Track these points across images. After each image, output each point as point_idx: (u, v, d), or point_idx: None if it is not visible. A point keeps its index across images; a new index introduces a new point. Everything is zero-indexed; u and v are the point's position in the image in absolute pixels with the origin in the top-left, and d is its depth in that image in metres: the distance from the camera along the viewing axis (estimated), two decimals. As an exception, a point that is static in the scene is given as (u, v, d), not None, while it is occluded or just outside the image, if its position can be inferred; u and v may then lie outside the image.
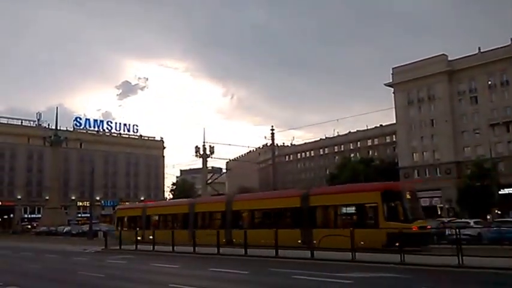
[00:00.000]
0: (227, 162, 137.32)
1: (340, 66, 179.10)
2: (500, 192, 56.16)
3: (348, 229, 18.44)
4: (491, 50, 67.57)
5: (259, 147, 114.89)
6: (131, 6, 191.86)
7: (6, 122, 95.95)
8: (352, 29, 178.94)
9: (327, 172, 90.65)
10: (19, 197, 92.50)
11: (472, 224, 29.37)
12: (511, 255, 15.88)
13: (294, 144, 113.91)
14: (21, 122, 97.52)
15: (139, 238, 29.04)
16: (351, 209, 23.16)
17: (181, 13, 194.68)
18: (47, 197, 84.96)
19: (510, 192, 60.44)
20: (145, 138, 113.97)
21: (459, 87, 71.12)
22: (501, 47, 66.54)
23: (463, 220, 33.64)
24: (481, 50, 69.21)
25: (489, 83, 68.06)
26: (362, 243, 18.40)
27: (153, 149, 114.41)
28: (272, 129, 44.33)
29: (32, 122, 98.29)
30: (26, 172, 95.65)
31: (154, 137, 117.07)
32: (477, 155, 64.40)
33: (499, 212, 55.52)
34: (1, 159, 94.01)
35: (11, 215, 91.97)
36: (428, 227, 23.28)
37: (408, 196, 22.50)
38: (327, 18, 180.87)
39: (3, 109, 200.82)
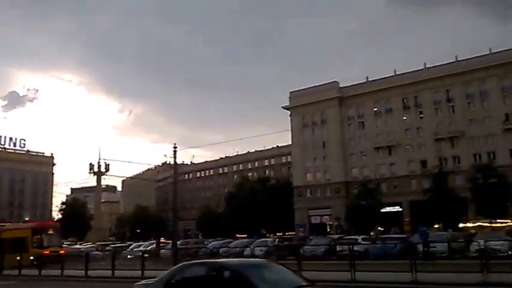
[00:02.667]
0: (123, 181, 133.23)
1: (243, 87, 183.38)
2: (382, 210, 61.19)
3: (17, 253, 27.31)
4: (377, 79, 74.06)
5: (158, 165, 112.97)
6: (22, 11, 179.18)
7: None
8: (253, 50, 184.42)
9: (226, 191, 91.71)
10: None
11: (360, 240, 31.47)
12: (395, 269, 16.87)
13: (194, 163, 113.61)
14: None
15: None
16: (18, 240, 32.76)
17: (79, 22, 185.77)
18: None
19: (391, 210, 66.22)
20: (33, 153, 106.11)
21: (348, 113, 76.64)
22: (385, 77, 73.20)
23: (351, 237, 35.79)
24: (369, 79, 75.60)
25: (375, 109, 74.26)
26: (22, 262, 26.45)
27: (42, 165, 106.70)
28: (175, 147, 44.07)
29: None
30: None
31: (44, 153, 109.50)
32: (364, 176, 69.71)
33: (381, 229, 60.28)
34: None
35: None
36: (62, 251, 31.81)
37: (50, 231, 34.39)
38: (231, 40, 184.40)
39: None
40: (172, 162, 50.92)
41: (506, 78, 63.61)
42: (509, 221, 49.82)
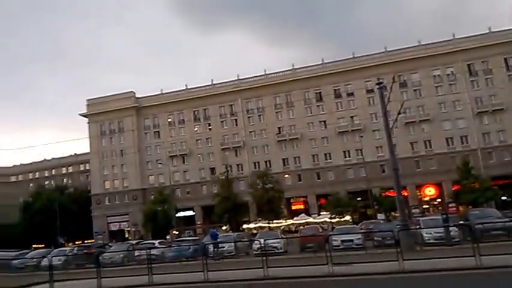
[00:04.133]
0: None
1: (32, 95, 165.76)
2: (177, 215, 65.77)
3: None
4: (170, 92, 78.68)
5: None
6: None
7: None
8: (40, 52, 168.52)
9: (21, 200, 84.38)
10: None
11: (156, 244, 32.96)
12: (190, 270, 17.89)
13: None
14: None
15: None
16: None
17: None
18: None
19: (185, 214, 71.59)
20: None
21: (145, 122, 79.56)
22: (178, 91, 78.42)
23: (149, 241, 37.60)
24: (163, 91, 79.74)
25: (169, 120, 78.56)
26: None
27: None
28: None
29: None
30: None
31: None
32: (159, 183, 73.44)
33: (176, 232, 64.76)
34: None
35: None
36: None
37: None
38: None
39: None
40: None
41: (279, 96, 74.32)
42: (283, 221, 59.51)
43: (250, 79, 75.91)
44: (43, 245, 59.86)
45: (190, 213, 73.42)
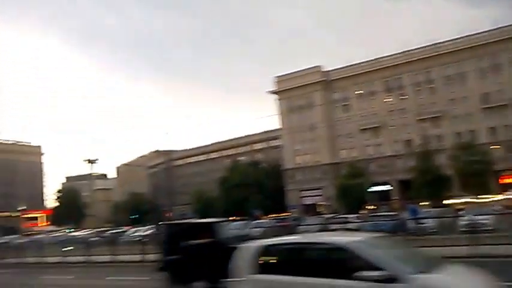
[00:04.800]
0: (117, 168, 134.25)
1: (226, 72, 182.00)
2: (370, 190, 62.85)
3: None
4: (359, 63, 74.98)
5: (152, 152, 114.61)
6: None
7: None
8: (231, 32, 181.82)
9: (218, 175, 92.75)
10: None
11: (352, 218, 32.57)
12: None
13: (186, 149, 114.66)
14: None
15: None
16: None
17: None
18: None
19: (378, 189, 68.10)
20: (21, 144, 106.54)
21: (333, 96, 77.97)
22: (367, 61, 74.32)
23: (343, 216, 37.17)
24: (351, 63, 76.17)
25: (359, 92, 75.36)
26: None
27: (31, 155, 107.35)
28: (166, 134, 45.34)
29: None
30: None
31: (31, 143, 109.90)
32: (351, 157, 71.53)
33: (371, 207, 62.05)
34: None
35: None
36: None
37: None
38: (205, 21, 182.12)
39: None
40: (164, 150, 52.27)
41: (482, 60, 64.98)
42: (492, 196, 52.06)
43: (447, 42, 67.40)
44: (239, 218, 63.85)
45: (384, 187, 69.70)
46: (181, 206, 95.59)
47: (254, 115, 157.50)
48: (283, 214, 69.08)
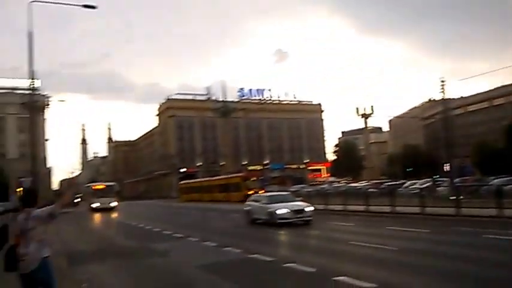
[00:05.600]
0: (390, 120, 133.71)
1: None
2: None
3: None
4: None
5: (426, 102, 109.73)
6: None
7: (181, 98, 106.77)
8: None
9: (504, 123, 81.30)
10: (198, 163, 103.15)
11: None
12: None
13: (463, 97, 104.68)
14: (194, 97, 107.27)
15: None
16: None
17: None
18: (222, 163, 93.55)
19: None
20: (304, 103, 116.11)
21: None
22: None
23: None
24: None
25: None
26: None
27: (312, 113, 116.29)
28: (442, 82, 41.60)
29: (201, 96, 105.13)
30: (202, 141, 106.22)
31: (312, 101, 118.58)
32: None
33: None
34: (181, 131, 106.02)
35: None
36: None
37: (252, 179, 52.84)
38: None
39: (176, 86, 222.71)
40: (439, 98, 48.35)
41: None
42: None
43: None
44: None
45: None
46: (460, 158, 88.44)
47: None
48: None
